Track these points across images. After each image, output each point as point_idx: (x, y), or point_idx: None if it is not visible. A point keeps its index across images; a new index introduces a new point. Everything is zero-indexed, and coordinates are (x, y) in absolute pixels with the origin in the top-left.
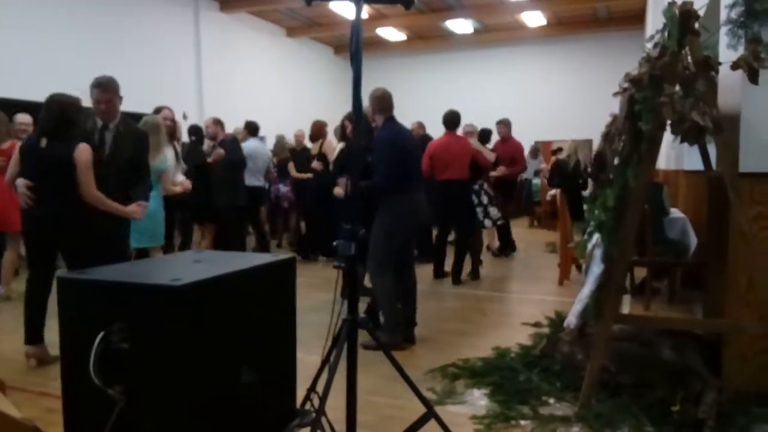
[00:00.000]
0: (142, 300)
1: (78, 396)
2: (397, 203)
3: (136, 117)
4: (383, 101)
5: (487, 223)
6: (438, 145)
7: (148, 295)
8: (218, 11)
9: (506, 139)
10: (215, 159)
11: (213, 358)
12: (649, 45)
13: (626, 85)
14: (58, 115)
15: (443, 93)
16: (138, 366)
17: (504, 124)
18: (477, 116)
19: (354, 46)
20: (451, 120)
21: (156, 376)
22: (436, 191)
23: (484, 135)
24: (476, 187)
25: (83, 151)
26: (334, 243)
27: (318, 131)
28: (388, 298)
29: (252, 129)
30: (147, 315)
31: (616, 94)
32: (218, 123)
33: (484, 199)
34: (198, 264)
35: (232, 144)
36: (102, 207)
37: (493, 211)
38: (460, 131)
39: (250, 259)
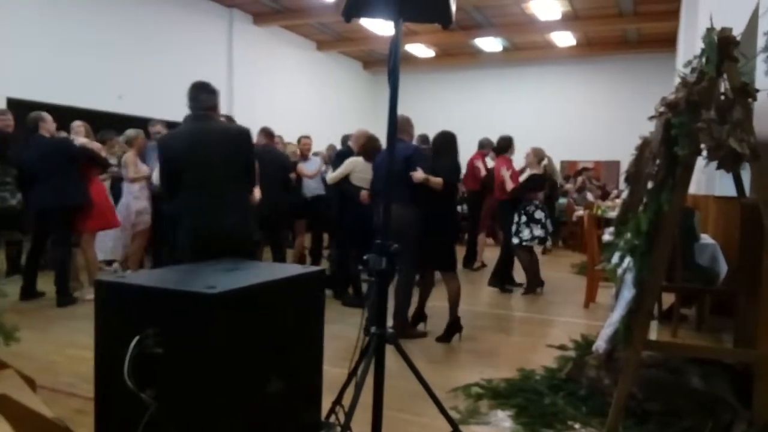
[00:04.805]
0: (177, 306)
1: (110, 398)
2: None
3: (172, 125)
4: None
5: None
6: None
7: (183, 301)
8: (251, 24)
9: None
10: None
11: (243, 366)
12: (686, 70)
13: (662, 109)
14: None
15: (470, 109)
16: (170, 371)
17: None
18: (502, 134)
19: (392, 63)
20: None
21: (187, 381)
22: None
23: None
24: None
25: None
26: (365, 257)
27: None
28: None
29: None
30: (181, 321)
31: (651, 117)
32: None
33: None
34: (234, 272)
35: None
36: None
37: (525, 233)
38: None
39: (282, 270)
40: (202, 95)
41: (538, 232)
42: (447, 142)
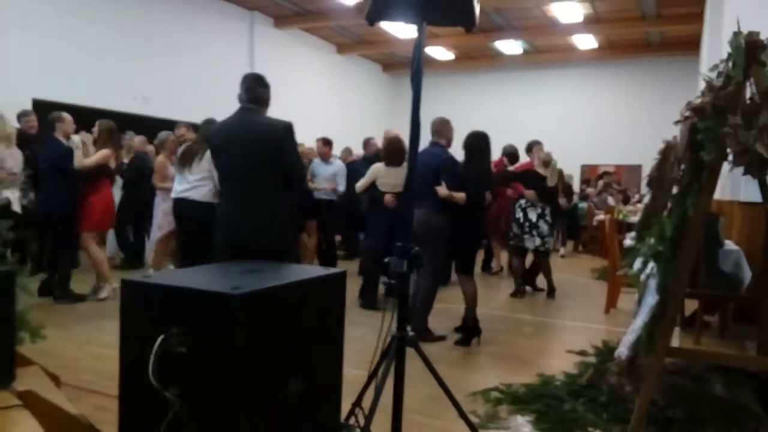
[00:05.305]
0: (201, 306)
1: (134, 396)
2: None
3: (196, 127)
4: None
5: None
6: None
7: (208, 302)
8: (272, 27)
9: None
10: None
11: (265, 367)
12: (712, 74)
13: (688, 113)
14: None
15: (491, 112)
16: (194, 370)
17: None
18: (523, 137)
19: (415, 67)
20: None
21: (210, 380)
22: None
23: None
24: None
25: None
26: (386, 259)
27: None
28: None
29: None
30: (205, 320)
31: (677, 122)
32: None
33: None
34: (257, 273)
35: None
36: None
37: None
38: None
39: (305, 272)
40: (259, 88)
41: (515, 230)
42: (478, 143)
